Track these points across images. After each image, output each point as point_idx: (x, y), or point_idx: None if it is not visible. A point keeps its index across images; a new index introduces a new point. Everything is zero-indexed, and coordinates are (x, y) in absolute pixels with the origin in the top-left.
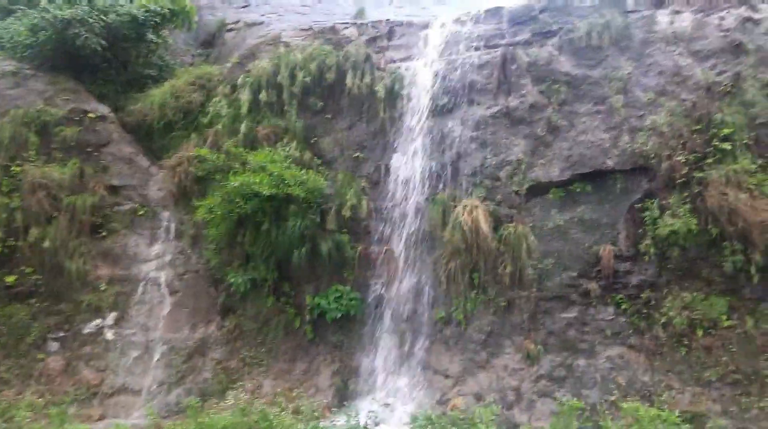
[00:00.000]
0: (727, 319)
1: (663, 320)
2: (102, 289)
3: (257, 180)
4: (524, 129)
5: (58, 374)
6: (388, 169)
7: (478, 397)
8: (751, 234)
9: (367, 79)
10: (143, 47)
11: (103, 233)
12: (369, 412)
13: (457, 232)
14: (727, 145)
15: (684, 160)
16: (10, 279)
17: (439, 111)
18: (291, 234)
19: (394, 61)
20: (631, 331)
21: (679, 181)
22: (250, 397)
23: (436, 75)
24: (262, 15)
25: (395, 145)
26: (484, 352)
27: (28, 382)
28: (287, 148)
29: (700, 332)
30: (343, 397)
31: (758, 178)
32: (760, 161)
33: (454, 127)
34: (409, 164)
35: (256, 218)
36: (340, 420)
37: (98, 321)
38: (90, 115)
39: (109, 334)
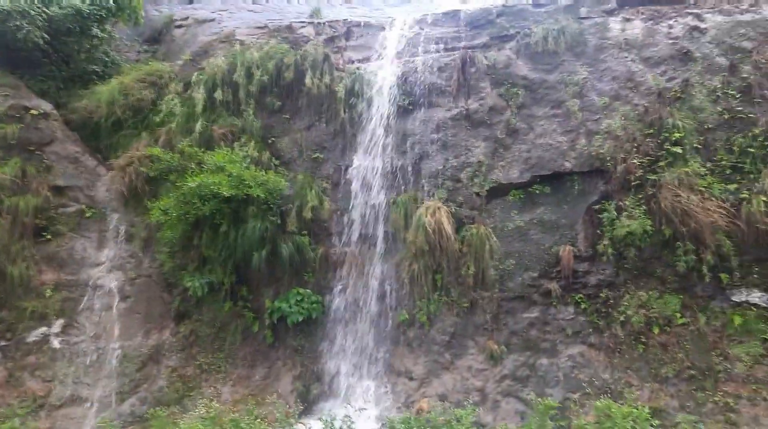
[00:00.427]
0: (681, 317)
1: (621, 319)
2: (47, 295)
3: (216, 180)
4: (484, 131)
5: (1, 386)
6: (348, 170)
7: (443, 399)
8: (703, 234)
9: (327, 79)
10: (86, 42)
11: (48, 236)
12: (344, 417)
13: (420, 234)
14: (678, 149)
15: (638, 163)
16: None
17: (400, 112)
18: (250, 236)
19: (353, 62)
20: (590, 330)
21: (634, 183)
22: (218, 405)
23: (395, 76)
24: (213, 12)
25: (355, 146)
26: (447, 353)
27: None
28: (245, 148)
29: (656, 330)
30: (306, 402)
31: (708, 181)
32: (709, 164)
33: (414, 128)
34: (369, 165)
35: (214, 220)
36: (315, 425)
37: (43, 329)
38: (32, 112)
39: (56, 343)
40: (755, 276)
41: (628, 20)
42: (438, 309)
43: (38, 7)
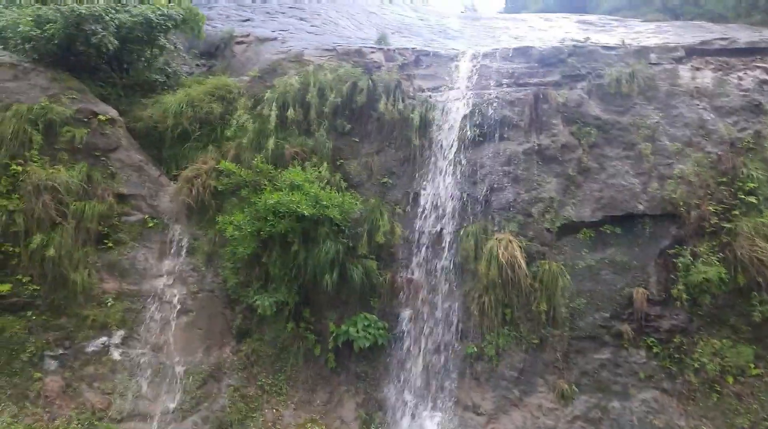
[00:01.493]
0: (755, 368)
1: (695, 365)
2: (109, 304)
3: (296, 199)
4: (556, 167)
5: (57, 396)
6: (417, 197)
7: None
8: None
9: (400, 106)
10: (148, 51)
11: (109, 244)
12: None
13: (493, 266)
14: (753, 199)
15: (713, 210)
16: (4, 288)
17: (471, 143)
18: (323, 257)
19: (423, 90)
20: (663, 375)
21: (709, 230)
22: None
23: (467, 107)
24: (273, 31)
25: (425, 174)
26: (516, 389)
27: (23, 404)
28: (319, 169)
29: (730, 379)
30: None
31: None
32: None
33: (485, 160)
34: (439, 193)
35: (287, 239)
36: None
37: (104, 339)
38: (99, 117)
39: (116, 354)
40: None
41: (697, 69)
42: (507, 344)
43: (112, 13)
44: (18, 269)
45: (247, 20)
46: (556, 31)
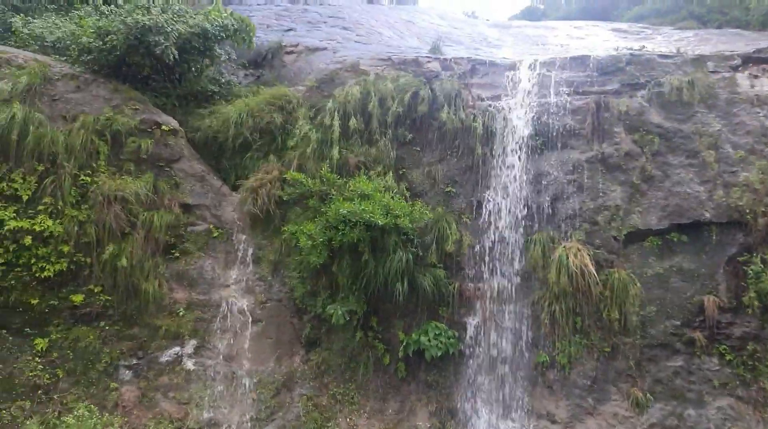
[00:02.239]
0: None
1: None
2: (180, 314)
3: (369, 208)
4: (620, 176)
5: (134, 406)
6: (480, 206)
7: None
8: None
9: (461, 115)
10: (202, 61)
11: (176, 254)
12: None
13: (563, 275)
14: None
15: None
16: (77, 298)
17: (533, 152)
18: (394, 266)
19: (482, 99)
20: (738, 383)
21: None
22: None
23: (528, 116)
24: (321, 41)
25: (488, 182)
26: (590, 398)
27: (101, 414)
28: (385, 178)
29: None
30: None
31: None
32: None
33: (549, 168)
34: (503, 202)
35: (358, 248)
36: None
37: (176, 349)
38: (163, 127)
39: (190, 364)
40: None
41: (755, 77)
42: (578, 352)
43: (173, 24)
44: (90, 279)
45: (290, 30)
46: (593, 39)
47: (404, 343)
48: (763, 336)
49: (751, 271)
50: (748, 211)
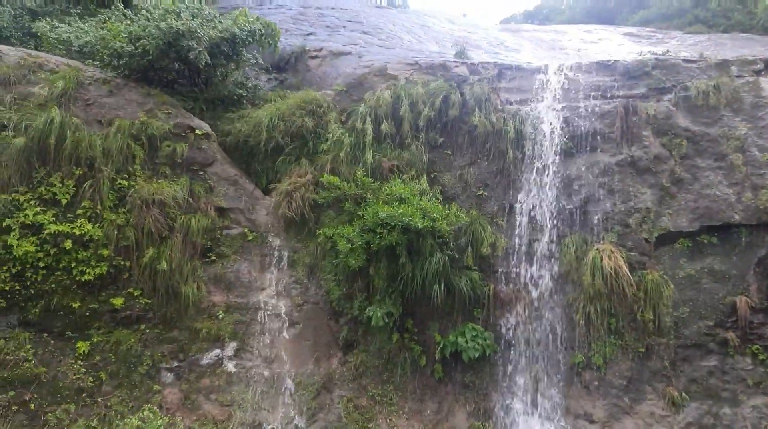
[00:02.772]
0: None
1: None
2: (220, 316)
3: (408, 212)
4: (649, 179)
5: (177, 408)
6: (512, 209)
7: None
8: None
9: (492, 118)
10: (227, 65)
11: (213, 257)
12: None
13: (597, 277)
14: None
15: None
16: (117, 302)
17: (564, 155)
18: (429, 269)
19: (511, 103)
20: None
21: None
22: None
23: (558, 120)
24: (344, 45)
25: (519, 186)
26: (626, 397)
27: (129, 418)
28: (419, 182)
29: None
30: None
31: None
32: None
33: (579, 171)
34: (535, 205)
35: (396, 251)
36: None
37: (217, 351)
38: (197, 131)
39: (231, 366)
40: None
41: None
42: (613, 352)
43: (204, 29)
44: (129, 283)
45: (310, 34)
46: (607, 43)
47: (441, 345)
48: None
49: None
50: None
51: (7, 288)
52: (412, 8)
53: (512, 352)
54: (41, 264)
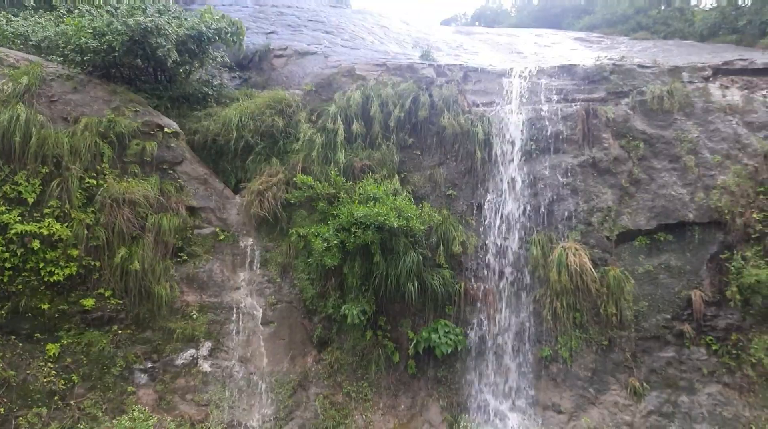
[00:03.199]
0: None
1: (752, 360)
2: (194, 316)
3: (384, 211)
4: (610, 179)
5: (153, 409)
6: (480, 208)
7: None
8: None
9: (461, 120)
10: (192, 63)
11: (184, 257)
12: None
13: (563, 273)
14: None
15: (757, 218)
16: (88, 302)
17: (528, 156)
18: (403, 267)
19: (477, 105)
20: (724, 371)
21: (754, 235)
22: None
23: (522, 122)
24: (309, 45)
25: (487, 186)
26: (591, 388)
27: (119, 418)
28: (392, 182)
29: None
30: None
31: None
32: None
33: (544, 172)
34: (502, 204)
35: (371, 250)
36: None
37: (192, 351)
38: (165, 130)
39: (206, 366)
40: None
41: (726, 87)
42: (578, 345)
43: (173, 27)
44: (100, 283)
45: (272, 32)
46: (560, 47)
47: (415, 341)
48: (744, 327)
49: (732, 268)
50: (726, 212)
51: None
52: (355, 7)
53: (483, 347)
54: (7, 265)
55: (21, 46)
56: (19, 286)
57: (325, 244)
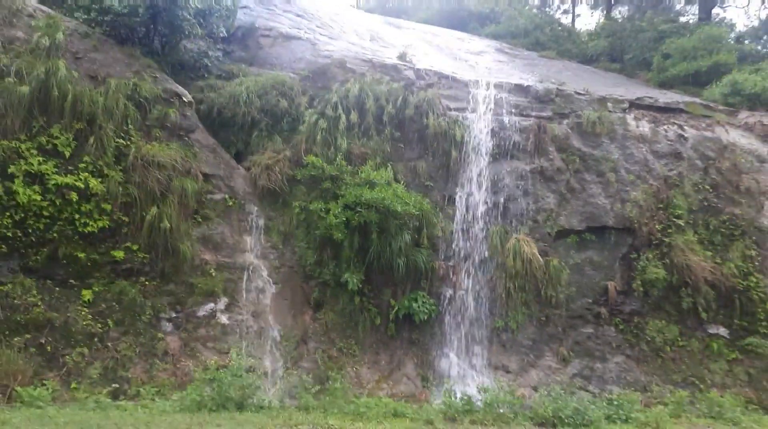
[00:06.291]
0: (681, 340)
1: (647, 338)
2: (212, 274)
3: (389, 196)
4: (552, 185)
5: (180, 355)
6: (452, 200)
7: (535, 389)
8: (698, 284)
9: (441, 121)
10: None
11: (199, 219)
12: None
13: (518, 260)
14: (680, 222)
15: (657, 228)
16: (118, 254)
17: (492, 159)
18: (395, 245)
19: (451, 109)
20: (627, 345)
21: (654, 242)
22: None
23: (488, 129)
24: (290, 28)
25: (457, 181)
26: (531, 354)
27: (152, 361)
28: (387, 169)
29: (668, 348)
30: (427, 383)
31: (700, 247)
32: (695, 236)
33: (503, 174)
34: (469, 198)
35: (371, 228)
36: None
37: (211, 305)
38: (183, 98)
39: (224, 318)
40: (721, 316)
41: (638, 119)
42: (523, 320)
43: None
44: (128, 238)
45: (244, 7)
46: (486, 56)
47: (396, 308)
48: (643, 312)
49: (638, 266)
50: (635, 221)
51: (10, 234)
52: None
53: (449, 317)
54: (45, 213)
55: None
56: (55, 235)
57: (335, 220)
